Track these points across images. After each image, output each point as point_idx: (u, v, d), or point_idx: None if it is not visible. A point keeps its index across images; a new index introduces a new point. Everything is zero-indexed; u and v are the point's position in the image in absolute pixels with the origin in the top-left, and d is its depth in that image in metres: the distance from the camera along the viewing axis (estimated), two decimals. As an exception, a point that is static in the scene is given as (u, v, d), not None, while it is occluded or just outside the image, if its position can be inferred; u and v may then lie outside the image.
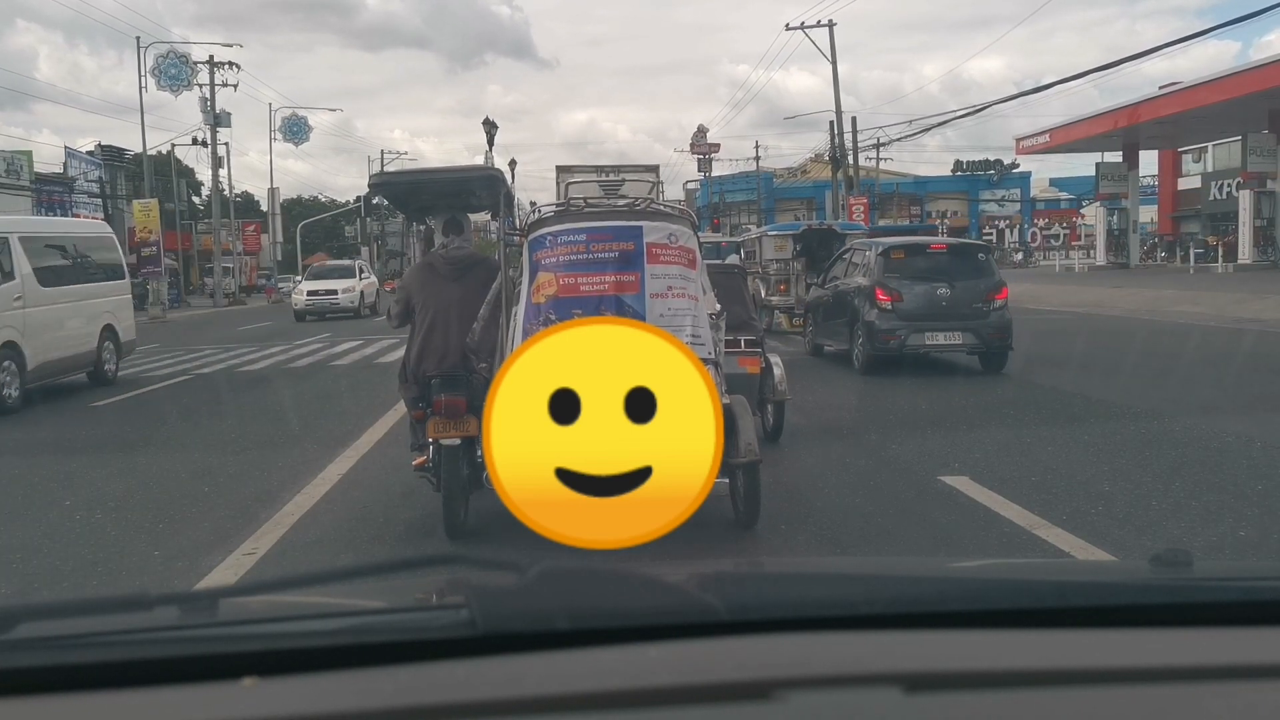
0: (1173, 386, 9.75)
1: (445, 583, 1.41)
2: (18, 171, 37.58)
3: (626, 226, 4.82)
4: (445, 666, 0.98)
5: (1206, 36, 59.70)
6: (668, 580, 1.29)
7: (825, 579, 1.45)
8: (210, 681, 0.97)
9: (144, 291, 36.73)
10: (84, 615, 1.11)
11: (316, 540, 5.21)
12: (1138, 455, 6.70)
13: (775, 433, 7.51)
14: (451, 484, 5.02)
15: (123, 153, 46.13)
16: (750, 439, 4.80)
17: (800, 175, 59.97)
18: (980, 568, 1.77)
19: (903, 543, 5.02)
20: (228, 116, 43.63)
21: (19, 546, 5.34)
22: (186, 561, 4.92)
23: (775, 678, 0.93)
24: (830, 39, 36.45)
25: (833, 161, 38.58)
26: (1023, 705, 0.94)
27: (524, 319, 4.83)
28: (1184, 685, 0.97)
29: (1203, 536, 4.86)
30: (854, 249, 13.43)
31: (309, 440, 8.23)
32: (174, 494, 6.44)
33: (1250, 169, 34.46)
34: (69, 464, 7.59)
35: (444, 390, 5.12)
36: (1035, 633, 1.09)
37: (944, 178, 66.53)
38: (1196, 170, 48.75)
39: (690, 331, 4.73)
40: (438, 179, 5.78)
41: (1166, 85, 38.24)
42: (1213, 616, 1.14)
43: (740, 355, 7.04)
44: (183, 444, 8.47)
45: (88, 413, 10.65)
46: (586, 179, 7.70)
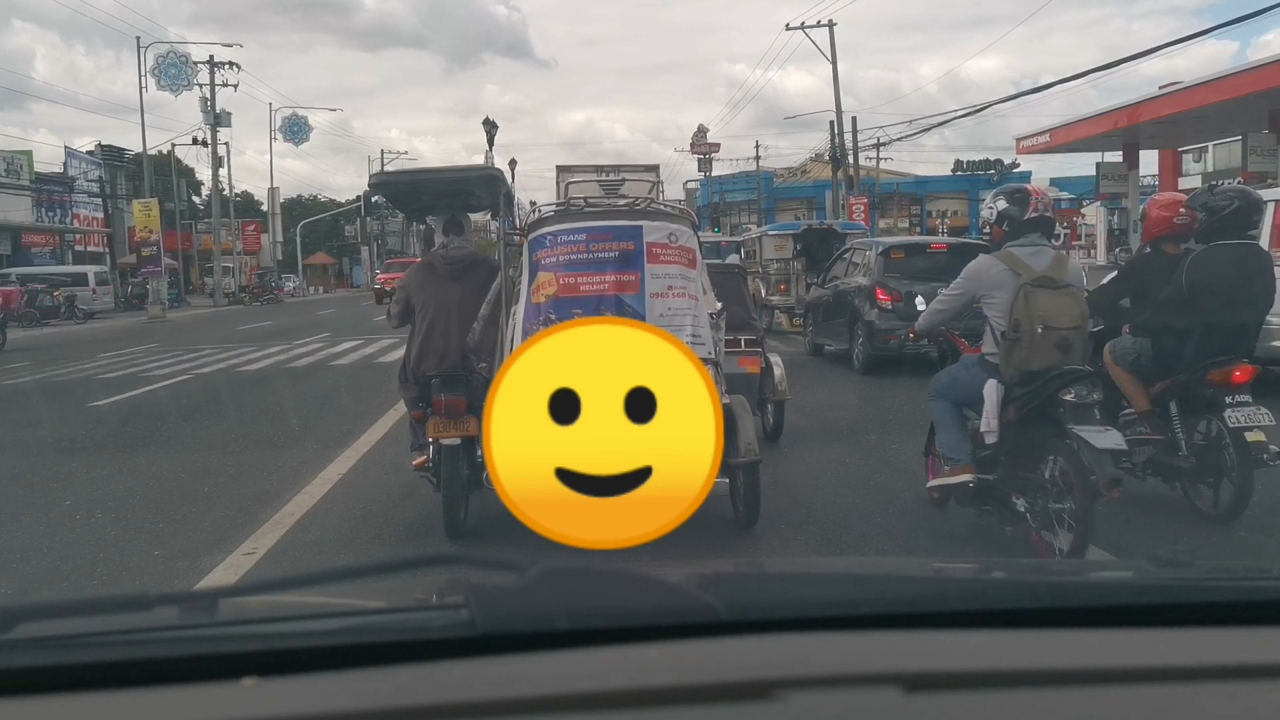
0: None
1: (445, 583, 1.41)
2: (17, 171, 37.59)
3: (626, 226, 4.82)
4: (445, 666, 0.98)
5: (1206, 37, 59.73)
6: (667, 580, 1.29)
7: (825, 579, 1.45)
8: (210, 681, 0.97)
9: (144, 291, 36.81)
10: (84, 615, 1.11)
11: (316, 540, 5.21)
12: (1138, 455, 6.68)
13: (775, 433, 7.51)
14: (451, 484, 5.02)
15: (123, 152, 46.15)
16: (750, 439, 4.80)
17: (800, 175, 59.92)
18: (980, 568, 1.77)
19: (903, 543, 5.02)
20: (228, 116, 43.69)
21: (19, 546, 5.33)
22: (186, 561, 4.92)
23: (775, 678, 0.93)
24: (830, 39, 36.47)
25: (833, 161, 38.57)
26: (1023, 705, 0.94)
27: (524, 319, 4.83)
28: (1184, 685, 0.97)
29: (1202, 537, 4.86)
30: (854, 249, 13.43)
31: (309, 440, 8.23)
32: (174, 494, 6.44)
33: (1250, 169, 34.35)
34: (69, 464, 7.58)
35: (444, 390, 5.12)
36: (1035, 633, 1.09)
37: (944, 177, 66.48)
38: (1197, 170, 48.64)
39: (690, 331, 4.73)
40: (438, 178, 5.78)
41: (1167, 85, 38.15)
42: (1213, 616, 1.14)
43: (740, 355, 7.05)
44: (183, 444, 8.47)
45: (88, 413, 10.65)
46: (586, 179, 7.68)
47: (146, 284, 37.21)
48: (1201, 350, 5.05)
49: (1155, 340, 5.29)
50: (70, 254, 41.57)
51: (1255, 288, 5.17)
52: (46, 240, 40.86)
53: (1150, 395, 5.29)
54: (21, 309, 28.68)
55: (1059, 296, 4.51)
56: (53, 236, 41.15)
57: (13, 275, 32.01)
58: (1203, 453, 5.12)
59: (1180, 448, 5.17)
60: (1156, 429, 5.28)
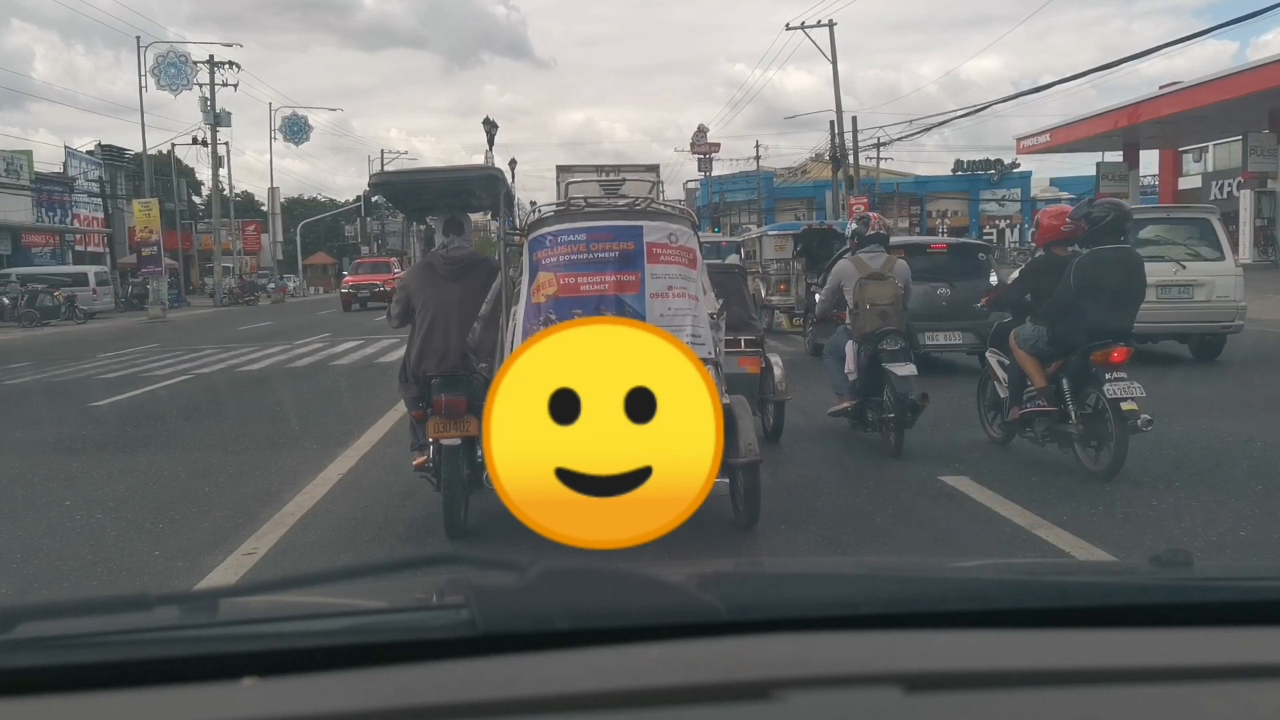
0: (1172, 386, 9.74)
1: (445, 583, 1.41)
2: (18, 171, 37.60)
3: (626, 226, 4.82)
4: (445, 666, 0.98)
5: (1205, 37, 59.71)
6: (668, 580, 1.29)
7: (825, 579, 1.45)
8: (210, 681, 0.97)
9: (144, 291, 36.81)
10: (84, 615, 1.11)
11: (316, 540, 5.21)
12: (1137, 455, 6.68)
13: (775, 433, 7.51)
14: (451, 484, 5.02)
15: (123, 152, 46.15)
16: (750, 439, 4.80)
17: (800, 175, 59.93)
18: (980, 568, 1.77)
19: (903, 543, 5.02)
20: (228, 116, 43.68)
21: (19, 546, 5.34)
22: (186, 561, 4.92)
23: (775, 678, 0.93)
24: (830, 39, 36.48)
25: (833, 161, 38.58)
26: (1023, 705, 0.94)
27: (524, 319, 4.83)
28: (1184, 685, 0.97)
29: (1203, 537, 4.86)
30: (854, 249, 13.41)
31: (309, 440, 8.23)
32: (174, 494, 6.44)
33: (1251, 169, 34.44)
34: (69, 464, 7.59)
35: (444, 390, 5.12)
36: (1035, 633, 1.09)
37: (944, 177, 66.49)
38: (1197, 170, 48.73)
39: (690, 331, 4.73)
40: (438, 178, 5.78)
41: (1167, 85, 38.21)
42: (1213, 616, 1.14)
43: (740, 355, 7.05)
44: (183, 444, 8.47)
45: (88, 413, 10.65)
46: (586, 179, 7.69)
47: (146, 284, 37.21)
48: (1087, 336, 6.12)
49: (1050, 328, 6.37)
50: (70, 254, 41.60)
51: (1130, 284, 6.26)
52: (47, 240, 40.88)
53: (1047, 374, 6.41)
54: (22, 309, 28.71)
55: (883, 285, 7.21)
56: (53, 237, 41.17)
57: (13, 275, 32.03)
58: (1088, 420, 6.14)
59: (1071, 417, 6.23)
60: (1052, 402, 6.36)
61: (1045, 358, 6.41)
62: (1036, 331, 6.46)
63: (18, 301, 29.32)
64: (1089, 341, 6.10)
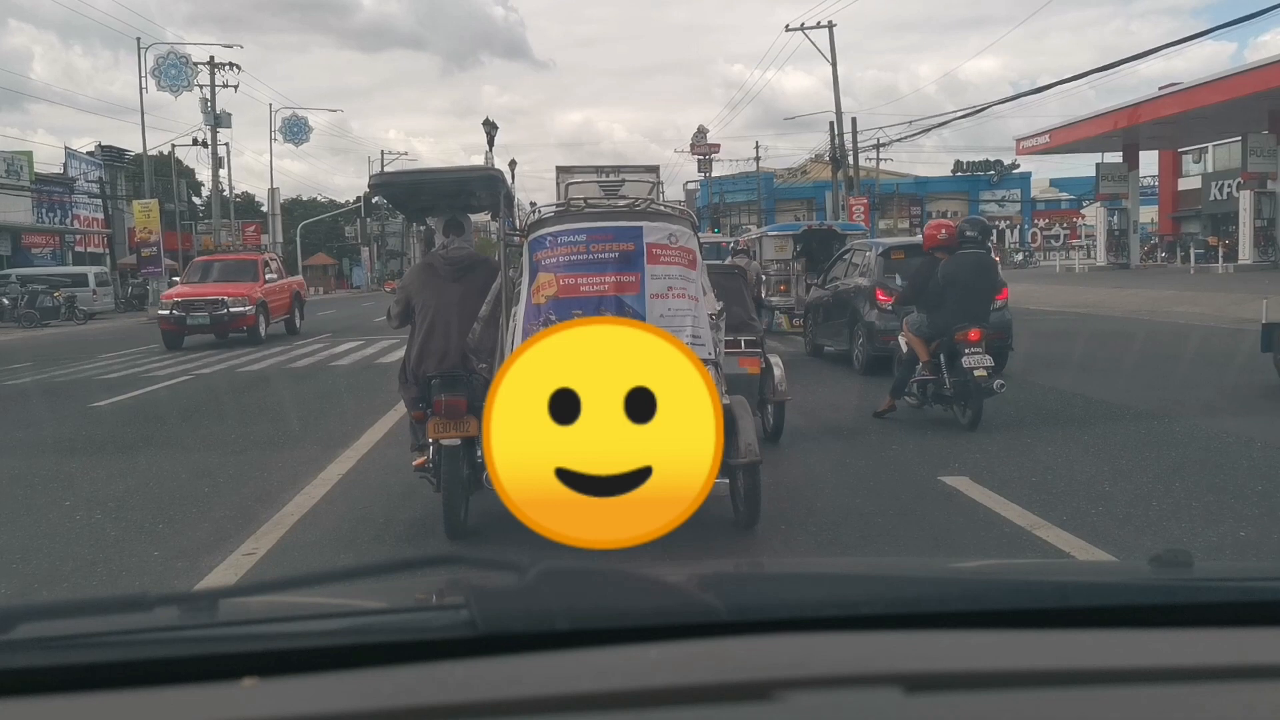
0: (1173, 387, 9.74)
1: (445, 583, 1.41)
2: (18, 172, 37.59)
3: (626, 227, 4.82)
4: (445, 667, 0.98)
5: (1205, 37, 59.70)
6: (668, 580, 1.29)
7: (825, 579, 1.45)
8: (210, 681, 0.97)
9: (144, 292, 36.82)
10: (84, 615, 1.11)
11: (316, 540, 5.21)
12: (1138, 455, 6.70)
13: (775, 433, 7.51)
14: (451, 484, 5.02)
15: (123, 153, 46.15)
16: (750, 439, 4.80)
17: (800, 176, 59.93)
18: (980, 568, 1.77)
19: (903, 543, 5.02)
20: (228, 117, 43.62)
21: (19, 546, 5.33)
22: (186, 561, 4.92)
23: (775, 678, 0.93)
24: (830, 40, 36.49)
25: (833, 162, 38.59)
26: (1023, 705, 0.94)
27: (524, 319, 4.83)
28: (1184, 685, 0.97)
29: (1203, 537, 4.86)
30: (854, 249, 13.42)
31: (309, 440, 8.23)
32: (174, 494, 6.44)
33: (1250, 169, 34.46)
34: (69, 464, 7.58)
35: (444, 390, 5.12)
36: (1035, 633, 1.09)
37: (944, 178, 66.53)
38: (1197, 171, 48.76)
39: (690, 332, 4.73)
40: (438, 179, 5.78)
41: (1166, 86, 38.23)
42: (1213, 616, 1.13)
43: (740, 355, 7.05)
44: (183, 444, 8.47)
45: (88, 413, 10.65)
46: (586, 179, 7.71)
47: (147, 284, 37.21)
48: (952, 320, 7.87)
49: (929, 315, 8.16)
50: (70, 255, 41.59)
51: (984, 281, 8.22)
52: (47, 241, 40.87)
53: (930, 350, 8.04)
54: (22, 309, 28.71)
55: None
56: (53, 237, 41.16)
57: (13, 276, 32.03)
58: (957, 386, 7.83)
59: (945, 384, 7.92)
60: (933, 373, 8.04)
61: (927, 338, 8.06)
62: (920, 318, 8.25)
63: (18, 302, 29.32)
64: (954, 324, 7.82)
